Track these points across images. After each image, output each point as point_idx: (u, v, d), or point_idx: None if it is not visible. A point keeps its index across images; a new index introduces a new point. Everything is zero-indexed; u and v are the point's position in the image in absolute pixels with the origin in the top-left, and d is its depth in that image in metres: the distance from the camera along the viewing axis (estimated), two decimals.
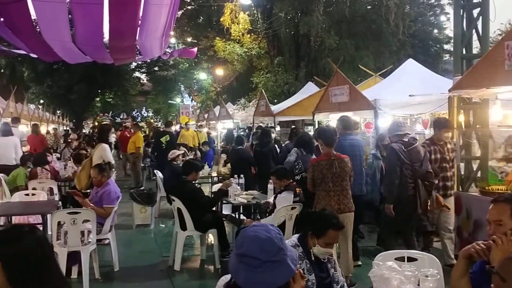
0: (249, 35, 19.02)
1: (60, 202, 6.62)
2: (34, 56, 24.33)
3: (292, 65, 18.33)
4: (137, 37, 19.29)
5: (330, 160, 4.98)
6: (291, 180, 5.70)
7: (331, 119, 9.85)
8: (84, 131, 33.94)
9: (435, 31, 29.56)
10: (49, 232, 5.70)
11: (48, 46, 19.73)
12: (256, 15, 19.64)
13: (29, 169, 8.41)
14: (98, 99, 38.76)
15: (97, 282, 5.35)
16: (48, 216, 5.68)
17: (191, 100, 37.04)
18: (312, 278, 3.10)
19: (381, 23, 16.38)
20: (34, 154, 10.50)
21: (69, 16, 17.46)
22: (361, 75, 15.22)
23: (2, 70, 29.73)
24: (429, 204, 5.42)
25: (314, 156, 6.27)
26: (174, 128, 20.65)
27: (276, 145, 8.73)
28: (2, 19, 17.30)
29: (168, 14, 18.01)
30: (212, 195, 7.19)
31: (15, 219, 5.97)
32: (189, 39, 27.80)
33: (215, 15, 25.71)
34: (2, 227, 5.48)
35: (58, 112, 29.73)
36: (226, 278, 2.04)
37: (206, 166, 9.70)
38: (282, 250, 1.83)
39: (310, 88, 13.88)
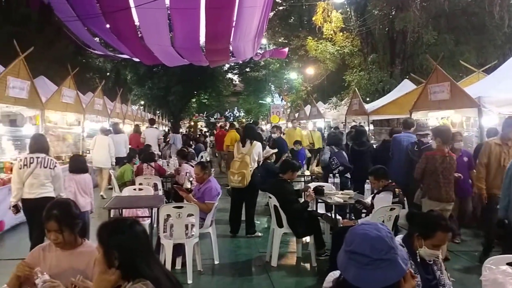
0: (341, 33, 18.76)
1: (164, 197, 7.04)
2: (136, 60, 26.03)
3: (386, 63, 17.77)
4: (231, 40, 19.88)
5: (444, 156, 5.69)
6: (390, 181, 5.58)
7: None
8: (181, 130, 35.62)
9: None
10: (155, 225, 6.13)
11: (149, 50, 21.02)
12: (349, 12, 19.32)
13: (135, 165, 9.07)
14: (194, 100, 40.43)
15: (200, 274, 5.64)
16: (154, 209, 6.09)
17: (281, 100, 37.32)
18: (417, 280, 3.04)
19: (483, 16, 15.34)
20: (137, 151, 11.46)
21: (168, 21, 18.43)
22: (462, 71, 14.41)
23: (108, 74, 32.06)
24: None
25: (344, 153, 7.80)
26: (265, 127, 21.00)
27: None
28: (108, 26, 18.70)
29: (261, 16, 18.38)
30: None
31: (125, 212, 6.46)
32: (280, 39, 28.03)
33: (306, 14, 25.69)
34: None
35: (158, 112, 31.50)
36: (335, 274, 2.08)
37: None
38: (393, 249, 1.84)
39: (406, 86, 13.40)
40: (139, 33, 19.91)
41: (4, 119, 9.73)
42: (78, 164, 6.18)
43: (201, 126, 45.78)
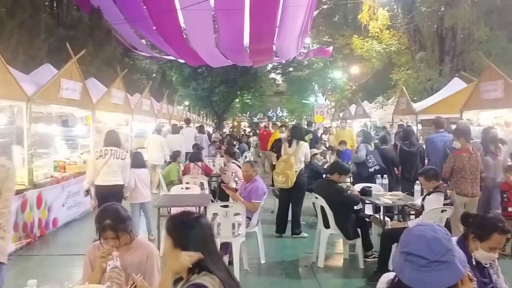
0: (388, 31, 18.41)
1: (211, 196, 7.12)
2: (182, 61, 26.42)
3: (435, 60, 17.27)
4: (275, 39, 19.85)
5: (469, 153, 6.13)
6: (441, 182, 5.42)
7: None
8: (224, 130, 35.97)
9: None
10: None
11: (194, 51, 21.30)
12: (396, 10, 18.92)
13: (180, 164, 9.27)
14: (237, 100, 40.68)
15: (246, 272, 5.66)
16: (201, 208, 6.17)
17: (325, 100, 36.97)
18: (474, 283, 2.93)
19: None
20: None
21: (213, 22, 18.58)
22: None
23: (154, 75, 32.78)
24: None
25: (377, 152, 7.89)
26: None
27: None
28: (155, 28, 19.08)
29: (305, 15, 18.26)
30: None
31: (173, 210, 6.57)
32: (324, 38, 27.82)
33: (351, 13, 25.38)
34: (163, 216, 6.11)
35: (202, 112, 31.92)
36: (389, 275, 2.04)
37: None
38: (450, 251, 1.79)
39: (456, 84, 12.95)
40: (184, 34, 20.30)
41: (57, 119, 10.11)
42: (137, 160, 7.23)
43: (244, 126, 46.04)
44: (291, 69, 38.75)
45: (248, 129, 39.59)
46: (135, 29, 19.80)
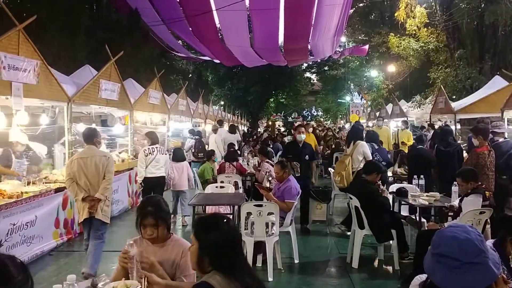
0: (425, 29, 17.99)
1: (245, 195, 7.18)
2: (217, 61, 26.66)
3: (475, 58, 16.77)
4: (310, 39, 19.76)
5: (489, 151, 6.26)
6: (480, 183, 5.28)
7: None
8: (259, 130, 36.04)
9: None
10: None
11: (230, 52, 21.47)
12: (434, 7, 18.47)
13: (214, 163, 9.41)
14: (272, 99, 40.73)
15: (280, 272, 5.68)
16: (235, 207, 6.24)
17: (361, 99, 36.51)
18: (510, 286, 2.86)
19: None
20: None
21: (248, 22, 18.65)
22: None
23: (190, 76, 33.21)
24: None
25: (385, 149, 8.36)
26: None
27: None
28: (191, 29, 19.30)
29: (340, 14, 18.10)
30: None
31: (209, 209, 6.69)
32: (360, 37, 27.47)
33: (388, 10, 24.96)
34: (198, 214, 6.21)
35: (236, 112, 32.13)
36: (421, 277, 2.03)
37: None
38: (483, 253, 1.77)
39: (497, 82, 12.53)
40: (220, 35, 20.49)
41: (96, 119, 10.43)
42: (178, 155, 8.67)
43: (279, 125, 46.00)
44: (326, 68, 38.49)
45: (282, 129, 39.50)
46: (171, 30, 20.13)
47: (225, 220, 2.36)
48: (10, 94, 5.79)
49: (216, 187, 7.41)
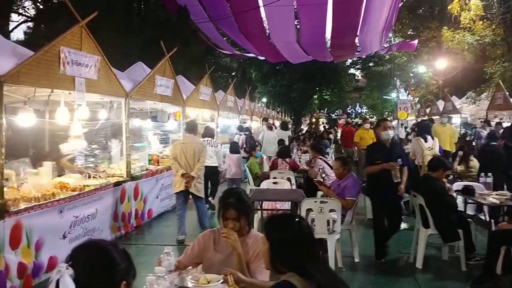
0: (481, 22, 17.25)
1: (302, 191, 7.05)
2: (261, 58, 26.59)
3: None
4: (357, 33, 19.36)
5: None
6: None
7: None
8: (301, 127, 35.84)
9: None
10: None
11: (275, 48, 21.35)
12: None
13: (257, 158, 9.75)
14: (315, 96, 40.37)
15: (341, 270, 5.51)
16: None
17: (407, 95, 35.61)
18: None
19: None
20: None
21: (295, 18, 18.45)
22: None
23: (233, 73, 33.34)
24: None
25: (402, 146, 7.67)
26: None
27: None
28: (237, 25, 19.33)
29: (390, 8, 17.63)
30: None
31: (265, 204, 6.60)
32: (408, 32, 26.74)
33: (438, 4, 24.23)
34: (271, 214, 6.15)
35: (279, 109, 32.00)
36: None
37: None
38: None
39: None
40: (266, 31, 20.42)
41: (146, 115, 10.55)
42: (234, 148, 9.93)
43: (323, 122, 45.56)
44: (371, 64, 37.86)
45: (327, 125, 39.10)
46: (217, 27, 20.21)
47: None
48: (73, 89, 5.89)
49: (273, 183, 7.34)
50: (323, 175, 7.79)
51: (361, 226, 7.48)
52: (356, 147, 13.67)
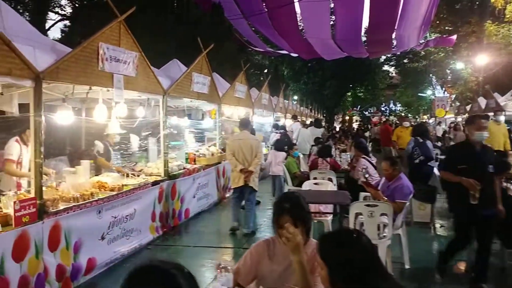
0: None
1: (348, 193, 6.71)
2: (294, 55, 26.24)
3: None
4: (395, 29, 18.74)
5: None
6: None
7: None
8: (334, 125, 35.31)
9: None
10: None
11: (308, 44, 20.92)
12: None
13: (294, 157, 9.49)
14: (349, 93, 39.72)
15: None
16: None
17: (444, 92, 34.60)
18: None
19: None
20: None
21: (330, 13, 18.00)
22: None
23: (265, 71, 33.11)
24: None
25: (428, 143, 7.84)
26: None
27: None
28: (270, 22, 19.04)
29: (430, 2, 16.99)
30: None
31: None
32: (446, 27, 25.89)
33: None
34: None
35: (310, 107, 31.59)
36: None
37: None
38: None
39: None
40: (300, 26, 20.03)
41: (181, 113, 10.41)
42: (278, 145, 9.57)
43: (356, 120, 44.85)
44: (406, 60, 37.01)
45: (361, 123, 38.44)
46: (251, 23, 19.95)
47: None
48: (112, 86, 5.74)
49: (315, 183, 7.03)
50: (367, 175, 7.43)
51: (408, 230, 7.09)
52: (393, 146, 13.21)
